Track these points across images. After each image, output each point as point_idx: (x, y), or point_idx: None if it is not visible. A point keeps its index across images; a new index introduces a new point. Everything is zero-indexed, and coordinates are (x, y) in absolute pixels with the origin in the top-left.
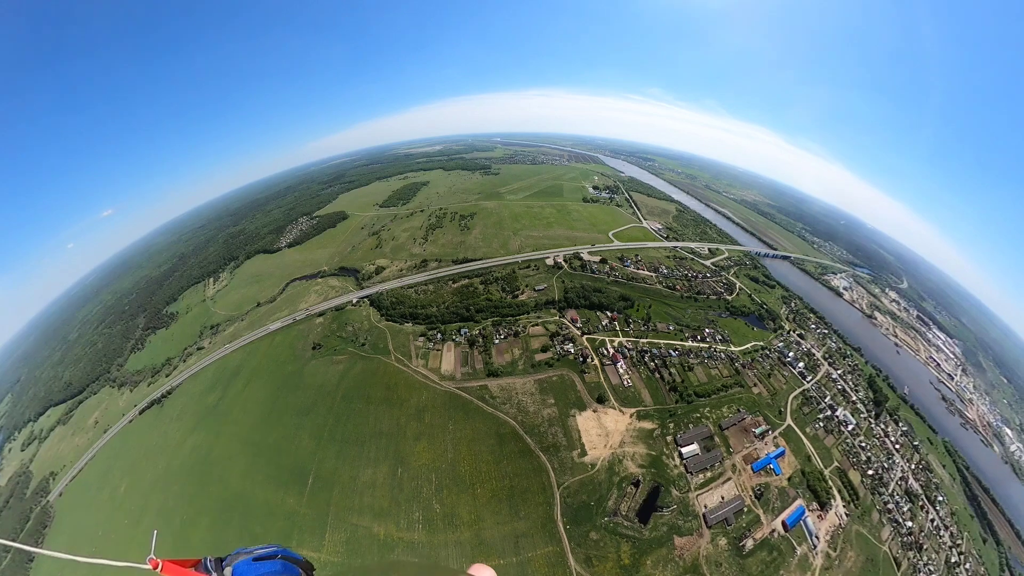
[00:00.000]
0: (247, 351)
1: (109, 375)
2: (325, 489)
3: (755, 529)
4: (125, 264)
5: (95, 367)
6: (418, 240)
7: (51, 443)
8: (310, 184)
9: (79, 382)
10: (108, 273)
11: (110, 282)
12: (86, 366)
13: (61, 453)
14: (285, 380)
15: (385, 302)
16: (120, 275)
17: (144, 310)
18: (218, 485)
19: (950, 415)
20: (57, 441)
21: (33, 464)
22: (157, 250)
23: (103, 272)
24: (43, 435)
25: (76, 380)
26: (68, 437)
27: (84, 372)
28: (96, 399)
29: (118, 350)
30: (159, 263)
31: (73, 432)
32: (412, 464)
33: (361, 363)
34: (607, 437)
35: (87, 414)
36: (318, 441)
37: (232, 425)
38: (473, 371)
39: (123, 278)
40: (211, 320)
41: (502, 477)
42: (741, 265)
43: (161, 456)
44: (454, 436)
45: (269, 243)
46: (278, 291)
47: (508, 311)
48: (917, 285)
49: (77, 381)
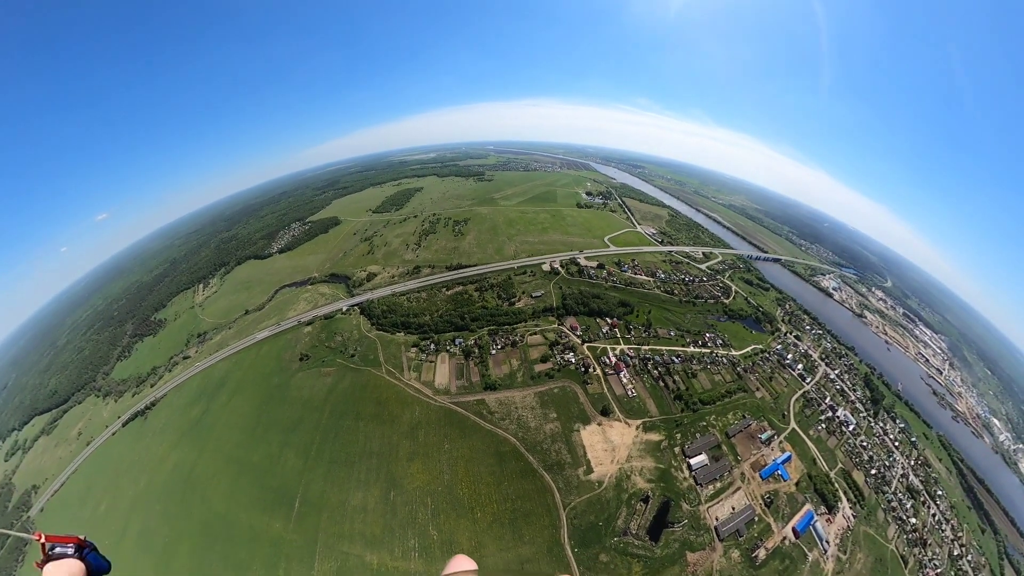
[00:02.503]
0: (233, 361)
1: (95, 383)
2: (313, 513)
3: (766, 538)
4: (118, 268)
5: (81, 375)
6: (411, 246)
7: (34, 454)
8: (304, 190)
9: (65, 390)
10: (101, 277)
11: (102, 286)
12: (72, 373)
13: (43, 466)
14: (271, 393)
15: (376, 310)
16: (112, 279)
17: (133, 316)
18: (201, 506)
19: (941, 409)
20: (40, 452)
21: (16, 476)
22: (150, 255)
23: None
24: (27, 445)
25: (62, 388)
26: (51, 448)
27: (70, 380)
28: (81, 409)
29: (105, 357)
30: (151, 268)
31: (56, 443)
32: (406, 487)
33: (350, 376)
34: (613, 452)
35: (71, 424)
36: (305, 460)
37: (216, 441)
38: (469, 384)
39: (114, 283)
40: (199, 328)
41: (504, 499)
42: (735, 268)
43: (143, 473)
44: (450, 456)
45: (260, 248)
46: (267, 298)
47: (505, 319)
48: (901, 283)
49: (63, 389)
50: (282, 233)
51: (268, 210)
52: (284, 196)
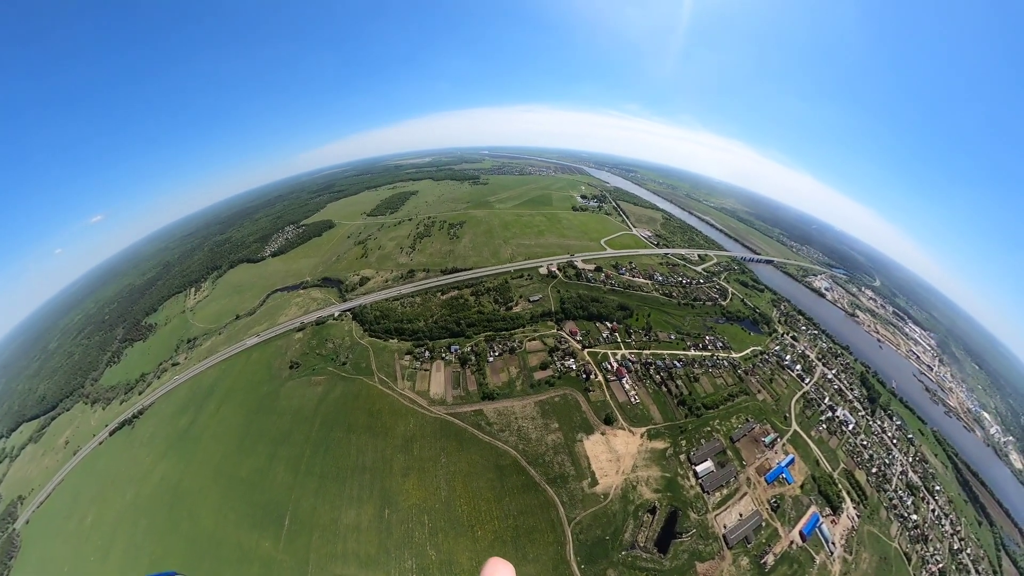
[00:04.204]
0: (222, 368)
1: (83, 390)
2: (304, 532)
3: (774, 543)
4: (112, 271)
5: (70, 381)
6: (405, 249)
7: (21, 462)
8: (300, 193)
9: (53, 396)
10: (95, 280)
11: (95, 289)
12: (61, 379)
13: (30, 475)
14: (260, 403)
15: (369, 316)
16: (105, 283)
17: (124, 320)
18: (188, 522)
19: (934, 404)
20: (27, 460)
21: (2, 486)
22: (144, 257)
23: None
24: (14, 453)
25: (50, 394)
26: (38, 457)
27: (59, 386)
28: (68, 416)
29: (94, 363)
30: (143, 271)
31: (44, 452)
32: (401, 504)
33: (341, 385)
34: (618, 462)
35: (58, 432)
36: (295, 475)
37: (203, 453)
38: (466, 394)
39: (107, 286)
40: (189, 333)
41: (505, 516)
42: (730, 270)
43: (130, 485)
44: (447, 470)
45: (253, 252)
46: (258, 303)
47: (502, 325)
48: (889, 282)
49: (51, 395)
50: (276, 236)
51: (263, 213)
52: (280, 199)
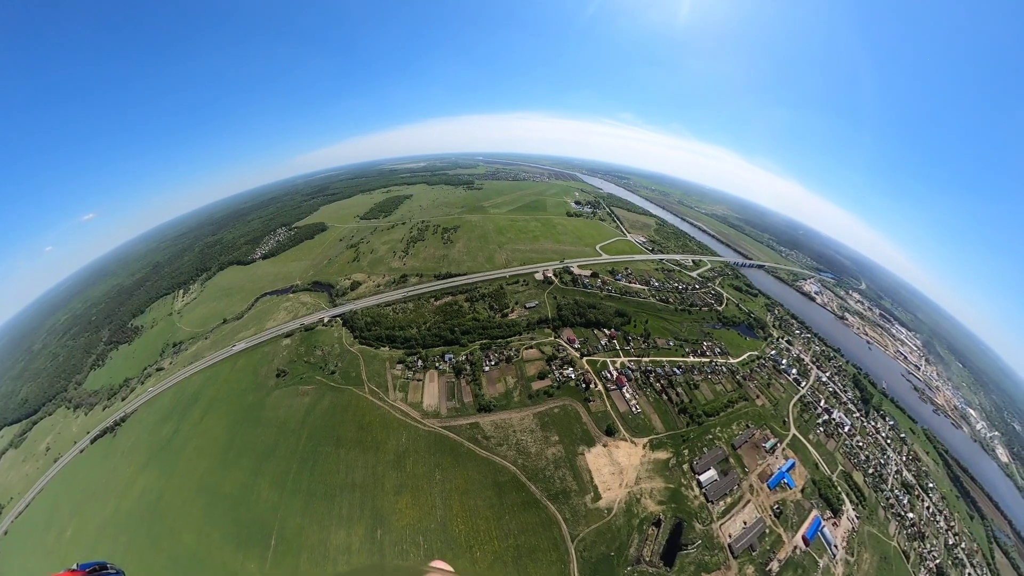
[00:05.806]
0: (207, 375)
1: (66, 394)
2: (291, 553)
3: (779, 549)
4: (102, 270)
5: (53, 384)
6: (398, 253)
7: (2, 468)
8: (294, 195)
9: (35, 400)
10: (84, 279)
11: (83, 289)
12: (44, 382)
13: (10, 482)
14: (245, 413)
15: (359, 322)
16: (94, 282)
17: (110, 321)
18: (169, 539)
19: (923, 403)
20: (8, 467)
21: None
22: (135, 257)
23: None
24: None
25: (33, 397)
26: (19, 464)
27: (42, 389)
28: (50, 421)
29: (79, 365)
30: (133, 271)
31: (24, 458)
32: (394, 524)
33: (330, 395)
34: (621, 475)
35: (40, 438)
36: (281, 492)
37: (186, 465)
38: (461, 405)
39: (96, 286)
40: (175, 336)
41: (505, 536)
42: (724, 275)
43: (110, 497)
44: (443, 488)
45: (244, 254)
46: (247, 307)
47: (498, 332)
48: (874, 285)
49: (34, 399)
50: (267, 238)
51: (255, 215)
52: (273, 201)
